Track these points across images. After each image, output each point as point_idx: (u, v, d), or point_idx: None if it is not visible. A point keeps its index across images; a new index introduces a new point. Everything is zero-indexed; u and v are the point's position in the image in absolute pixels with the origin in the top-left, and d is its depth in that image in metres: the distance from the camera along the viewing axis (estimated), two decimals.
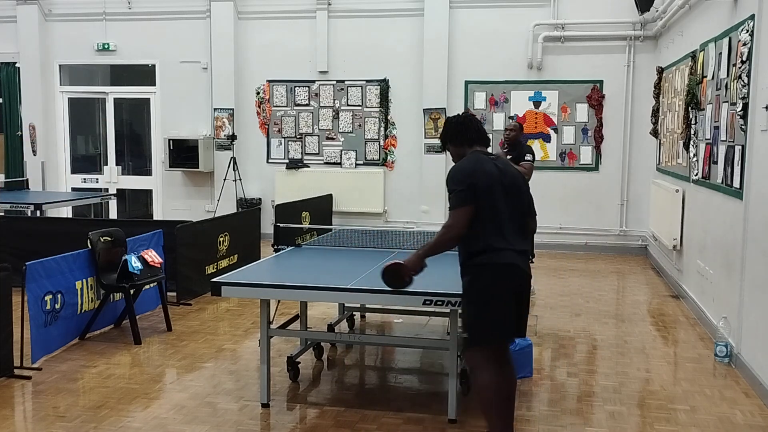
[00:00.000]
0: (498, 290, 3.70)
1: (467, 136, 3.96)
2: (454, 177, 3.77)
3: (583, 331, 6.43)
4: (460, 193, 3.70)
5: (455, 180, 3.75)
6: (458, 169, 3.79)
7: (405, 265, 3.84)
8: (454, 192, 3.72)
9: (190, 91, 11.58)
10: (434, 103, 10.65)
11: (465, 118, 4.08)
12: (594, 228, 10.50)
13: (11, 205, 9.60)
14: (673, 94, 8.47)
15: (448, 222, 3.76)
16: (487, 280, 3.70)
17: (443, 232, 3.77)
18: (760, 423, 4.42)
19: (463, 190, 3.69)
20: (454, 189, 3.73)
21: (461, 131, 3.97)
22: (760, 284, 4.97)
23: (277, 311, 5.03)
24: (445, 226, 3.78)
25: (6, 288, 5.01)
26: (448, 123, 4.08)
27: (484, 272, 3.71)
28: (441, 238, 3.78)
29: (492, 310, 3.70)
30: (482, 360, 3.76)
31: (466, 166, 3.80)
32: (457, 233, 3.72)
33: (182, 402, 4.68)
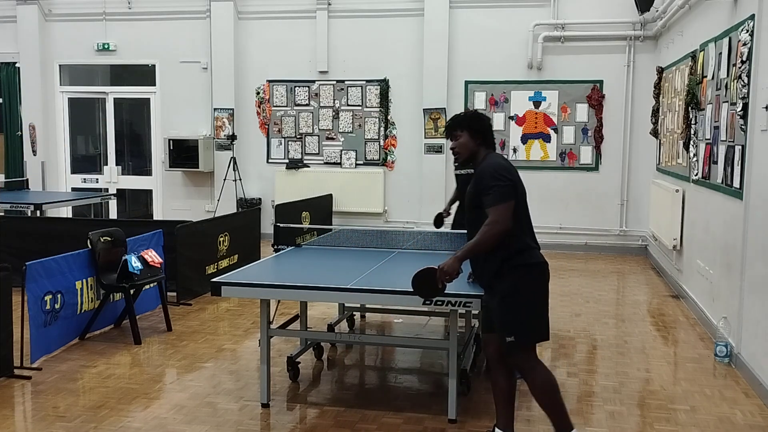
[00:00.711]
0: (543, 288, 3.77)
1: (489, 138, 3.88)
2: (494, 173, 3.64)
3: (583, 331, 6.43)
4: (503, 188, 3.60)
5: (496, 176, 3.63)
6: (497, 166, 3.69)
7: (441, 270, 3.59)
8: (496, 187, 3.60)
9: (190, 91, 11.58)
10: (434, 103, 10.65)
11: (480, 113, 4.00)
12: (594, 228, 10.50)
13: (11, 205, 9.60)
14: (673, 94, 8.47)
15: (491, 218, 3.58)
16: (535, 279, 3.72)
17: (487, 229, 3.58)
18: (760, 423, 4.42)
19: (506, 185, 3.61)
20: (496, 184, 3.60)
21: (488, 131, 3.87)
22: (760, 284, 4.97)
23: (277, 311, 5.04)
24: (488, 222, 3.58)
25: (6, 288, 5.01)
26: (478, 115, 3.92)
27: (531, 271, 3.69)
28: (484, 236, 3.59)
29: (541, 308, 3.76)
30: (534, 358, 3.77)
31: (502, 163, 3.74)
32: (503, 229, 3.58)
33: (182, 402, 4.68)
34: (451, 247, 5.77)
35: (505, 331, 3.71)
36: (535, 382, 3.77)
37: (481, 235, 3.59)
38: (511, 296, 3.68)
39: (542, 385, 3.76)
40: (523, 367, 3.78)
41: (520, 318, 3.68)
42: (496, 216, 3.57)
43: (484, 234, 3.58)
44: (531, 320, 3.71)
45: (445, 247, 5.86)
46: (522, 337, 3.70)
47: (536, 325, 3.75)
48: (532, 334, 3.74)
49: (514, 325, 3.68)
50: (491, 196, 3.60)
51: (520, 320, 3.68)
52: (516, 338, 3.69)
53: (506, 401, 3.95)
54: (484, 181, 3.65)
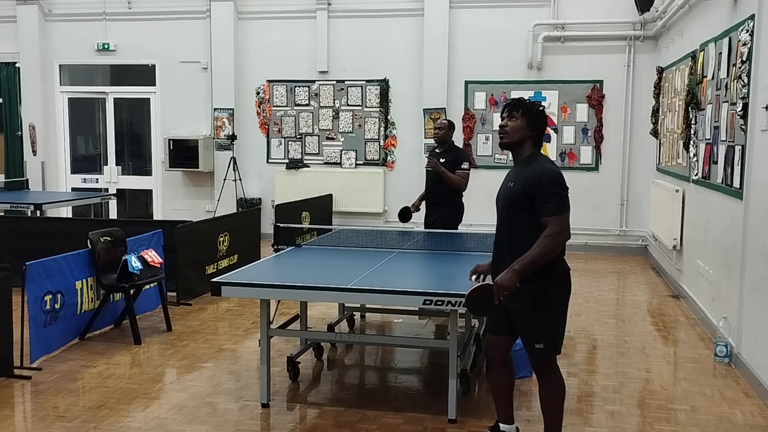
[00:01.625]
0: (569, 295, 3.73)
1: (541, 137, 3.78)
2: (555, 180, 3.55)
3: (583, 331, 6.43)
4: (565, 197, 3.55)
5: (557, 183, 3.55)
6: (556, 172, 3.59)
7: (500, 285, 3.46)
8: (559, 196, 3.52)
9: (190, 91, 11.58)
10: (434, 103, 10.65)
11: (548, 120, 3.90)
12: (594, 228, 10.50)
13: (11, 205, 9.60)
14: (673, 94, 8.47)
15: (554, 229, 3.49)
16: (565, 288, 3.67)
17: (550, 240, 3.48)
18: (760, 423, 4.42)
19: (566, 195, 3.56)
20: (559, 193, 3.53)
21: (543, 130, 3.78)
22: (760, 284, 4.97)
23: (277, 311, 5.03)
24: (550, 233, 3.48)
25: (6, 288, 5.01)
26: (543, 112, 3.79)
27: (564, 280, 3.66)
28: (548, 248, 3.49)
29: (566, 315, 3.74)
30: (556, 365, 3.75)
31: (558, 170, 3.63)
32: (564, 240, 3.52)
33: (182, 402, 4.68)
34: (452, 247, 5.79)
35: (534, 338, 3.64)
36: (553, 388, 3.75)
37: (543, 247, 3.48)
38: (544, 303, 3.59)
39: (557, 393, 3.75)
40: (546, 372, 3.73)
41: (551, 325, 3.63)
42: (559, 227, 3.50)
43: (548, 246, 3.49)
44: (560, 327, 3.69)
45: (445, 247, 5.86)
46: (551, 344, 3.65)
47: (563, 332, 3.73)
48: (560, 341, 3.72)
49: (544, 332, 3.62)
50: (554, 205, 3.51)
51: (551, 327, 3.64)
52: (545, 345, 3.63)
53: (507, 398, 3.96)
54: (544, 186, 3.52)
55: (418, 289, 4.24)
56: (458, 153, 6.74)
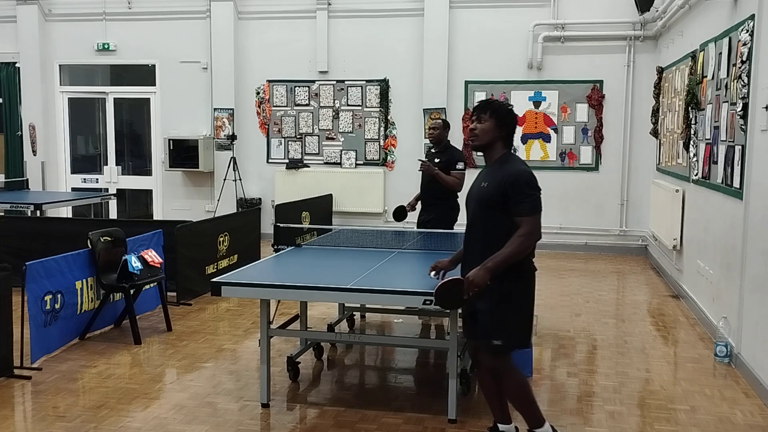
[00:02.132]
0: (532, 296, 3.79)
1: (511, 137, 3.79)
2: (529, 181, 3.58)
3: (583, 331, 6.43)
4: (538, 198, 3.57)
5: (531, 184, 3.57)
6: (528, 174, 3.60)
7: (470, 281, 3.52)
8: (532, 197, 3.55)
9: (190, 91, 11.58)
10: (434, 103, 10.65)
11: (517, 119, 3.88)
12: (594, 228, 10.50)
13: (11, 205, 9.60)
14: (673, 94, 8.47)
15: (526, 229, 3.53)
16: (530, 288, 3.74)
17: (520, 241, 3.52)
18: (760, 423, 4.42)
19: (538, 196, 3.58)
20: (533, 194, 3.56)
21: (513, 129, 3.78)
22: (760, 284, 4.97)
23: (277, 311, 5.03)
24: (523, 234, 3.52)
25: (6, 288, 5.01)
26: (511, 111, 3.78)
27: (526, 278, 3.70)
28: (520, 248, 3.53)
29: (529, 315, 3.80)
30: (511, 362, 3.78)
31: (530, 170, 3.64)
32: (536, 241, 3.56)
33: (182, 402, 4.68)
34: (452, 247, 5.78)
35: (494, 334, 3.67)
36: (513, 385, 3.80)
37: (516, 247, 3.52)
38: (505, 301, 3.64)
39: (519, 387, 3.80)
40: (502, 369, 3.78)
41: (510, 323, 3.67)
42: (530, 227, 3.54)
43: (520, 245, 3.52)
44: (521, 325, 3.74)
45: (445, 247, 5.86)
46: (510, 342, 3.71)
47: (523, 331, 3.77)
48: (518, 339, 3.75)
49: (504, 329, 3.67)
50: (527, 205, 3.54)
51: (510, 325, 3.67)
52: (504, 342, 3.68)
53: (498, 399, 3.98)
54: (519, 187, 3.55)
55: (418, 289, 4.24)
56: (453, 153, 6.67)
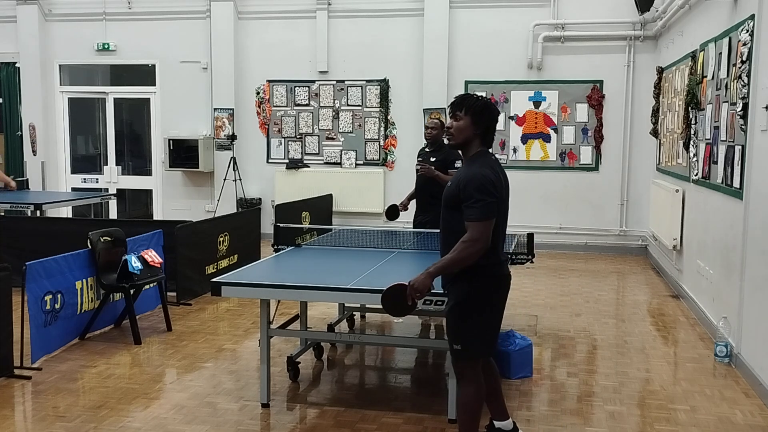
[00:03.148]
0: (498, 301, 3.64)
1: (489, 134, 3.61)
2: (479, 187, 3.40)
3: (583, 331, 6.43)
4: (489, 204, 3.39)
5: (483, 189, 3.40)
6: (484, 177, 3.44)
7: (412, 286, 3.42)
8: (482, 202, 3.38)
9: (190, 91, 11.58)
10: (434, 103, 10.64)
11: (492, 105, 3.64)
12: (594, 228, 10.50)
13: (11, 205, 9.59)
14: (673, 94, 8.47)
15: (472, 235, 3.38)
16: (490, 293, 3.57)
17: (465, 246, 3.38)
18: (760, 423, 4.42)
19: (491, 202, 3.40)
20: (482, 199, 3.38)
21: (491, 126, 3.61)
22: (760, 284, 4.97)
23: (277, 311, 5.03)
24: (467, 239, 3.38)
25: (6, 288, 5.02)
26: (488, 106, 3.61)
27: (488, 285, 3.55)
28: (462, 254, 3.39)
29: (493, 322, 3.63)
30: (475, 370, 3.63)
31: (490, 174, 3.47)
32: (481, 248, 3.39)
33: (182, 402, 4.68)
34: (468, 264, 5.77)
35: (453, 338, 3.59)
36: (466, 396, 3.62)
37: (458, 253, 3.40)
38: (462, 303, 3.54)
39: (470, 402, 3.61)
40: (464, 375, 3.63)
41: (468, 327, 3.55)
42: (476, 234, 3.38)
43: (462, 251, 3.39)
44: (479, 331, 3.57)
45: None
46: (468, 348, 3.57)
47: (483, 337, 3.60)
48: (478, 345, 3.59)
49: (461, 334, 3.57)
50: (475, 210, 3.39)
51: (467, 329, 3.55)
52: (462, 347, 3.57)
53: (495, 397, 3.96)
54: (469, 191, 3.41)
55: None
56: (449, 152, 6.59)
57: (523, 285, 8.08)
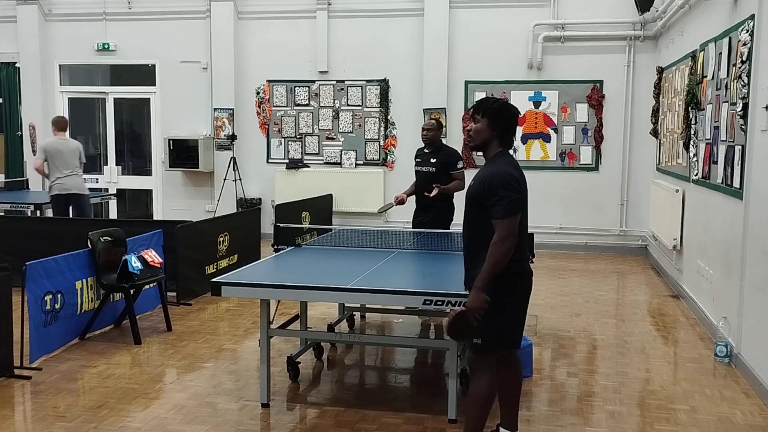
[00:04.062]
0: (520, 298, 3.71)
1: (508, 135, 3.72)
2: (505, 183, 3.50)
3: (583, 331, 6.43)
4: (514, 201, 3.49)
5: (507, 186, 3.50)
6: (509, 175, 3.55)
7: (470, 308, 3.50)
8: (507, 199, 3.47)
9: (190, 91, 11.58)
10: (434, 103, 10.65)
11: (511, 108, 3.74)
12: (594, 228, 10.50)
13: (11, 205, 9.60)
14: (673, 94, 8.47)
15: (500, 234, 3.46)
16: (514, 290, 3.64)
17: (497, 248, 3.46)
18: (760, 423, 4.42)
19: (517, 198, 3.51)
20: (508, 196, 3.47)
21: (508, 127, 3.70)
22: (760, 284, 4.97)
23: (277, 311, 5.03)
24: (497, 239, 3.46)
25: (6, 288, 5.01)
26: (506, 108, 3.70)
27: (517, 281, 3.63)
28: (497, 255, 3.46)
29: (517, 318, 3.72)
30: (490, 364, 3.71)
31: (513, 172, 3.58)
32: (512, 244, 3.47)
33: (182, 402, 4.68)
34: (452, 247, 5.79)
35: (474, 332, 3.65)
36: (478, 388, 3.69)
37: (493, 256, 3.47)
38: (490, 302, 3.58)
39: (481, 395, 3.67)
40: (478, 368, 3.71)
41: (493, 323, 3.60)
42: (504, 231, 3.47)
43: (497, 253, 3.47)
44: (501, 326, 3.64)
45: (444, 247, 5.86)
46: (488, 342, 3.65)
47: (506, 332, 3.68)
48: (499, 340, 3.68)
49: (484, 329, 3.61)
50: (501, 208, 3.48)
51: (492, 326, 3.60)
52: (483, 341, 3.64)
53: (512, 401, 3.96)
54: (494, 189, 3.50)
55: (418, 289, 4.25)
56: (449, 153, 6.65)
57: None
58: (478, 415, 3.68)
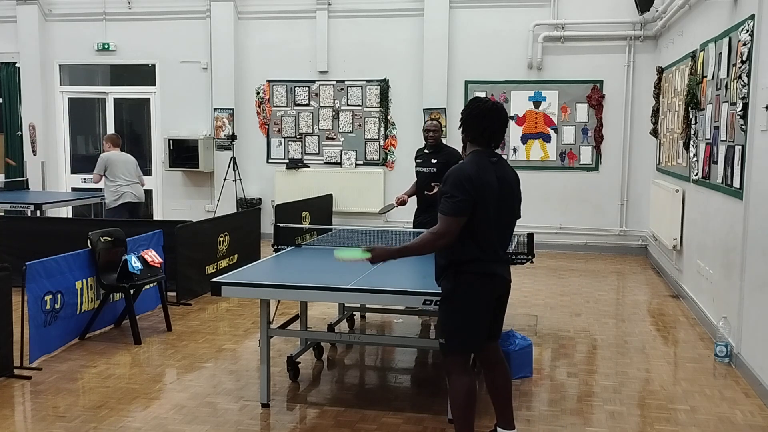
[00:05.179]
0: (482, 300, 3.64)
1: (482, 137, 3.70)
2: (455, 182, 3.51)
3: (583, 331, 6.43)
4: (459, 202, 3.48)
5: (457, 186, 3.50)
6: (461, 175, 3.53)
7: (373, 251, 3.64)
8: (453, 199, 3.48)
9: (190, 91, 11.58)
10: (434, 103, 10.65)
11: (488, 110, 3.71)
12: (594, 228, 10.50)
13: (11, 205, 9.60)
14: (673, 94, 8.47)
15: (439, 229, 3.51)
16: (472, 290, 3.60)
17: (431, 238, 3.53)
18: (760, 423, 4.42)
19: (463, 200, 3.48)
20: (454, 196, 3.48)
21: (481, 130, 3.70)
22: (760, 284, 4.97)
23: (277, 311, 5.03)
24: (434, 232, 3.52)
25: (6, 288, 5.02)
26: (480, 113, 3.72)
27: (471, 282, 3.60)
28: (425, 243, 3.56)
29: (475, 318, 3.64)
30: (461, 365, 3.69)
31: (470, 172, 3.54)
32: (447, 243, 3.52)
33: (182, 402, 4.68)
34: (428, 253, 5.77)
35: (438, 333, 3.69)
36: (453, 390, 3.69)
37: (422, 240, 3.57)
38: (448, 300, 3.65)
39: (460, 396, 3.66)
40: (452, 372, 3.71)
41: (452, 323, 3.63)
42: (442, 227, 3.50)
43: (426, 241, 3.56)
44: (462, 328, 3.63)
45: None
46: (451, 342, 3.66)
47: (467, 334, 3.64)
48: (461, 341, 3.66)
49: (446, 329, 3.66)
50: (446, 205, 3.50)
51: (451, 325, 3.63)
52: (446, 341, 3.67)
53: (504, 400, 3.96)
54: (446, 186, 3.55)
55: (418, 289, 4.24)
56: (449, 153, 6.60)
57: (523, 285, 8.08)
58: (462, 417, 3.67)
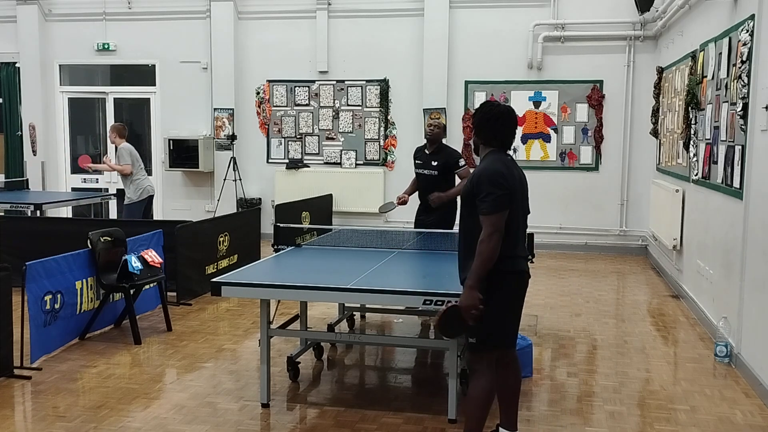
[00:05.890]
0: (516, 297, 3.73)
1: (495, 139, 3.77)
2: (490, 179, 3.56)
3: (583, 331, 6.43)
4: (500, 197, 3.53)
5: (493, 182, 3.55)
6: (494, 172, 3.60)
7: (464, 307, 3.54)
8: (492, 195, 3.52)
9: (190, 91, 11.58)
10: (434, 103, 10.65)
11: (501, 114, 3.78)
12: (594, 228, 10.50)
13: (11, 205, 9.59)
14: (673, 94, 8.47)
15: (486, 231, 3.51)
16: (508, 288, 3.67)
17: (484, 246, 3.50)
18: (760, 423, 4.42)
19: (503, 195, 3.53)
20: (493, 192, 3.52)
21: (493, 132, 3.77)
22: (760, 284, 4.97)
23: (277, 311, 5.03)
24: (484, 237, 3.51)
25: (6, 288, 5.01)
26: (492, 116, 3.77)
27: (506, 280, 3.65)
28: (485, 253, 3.51)
29: (510, 316, 3.73)
30: (489, 363, 3.72)
31: (500, 168, 3.63)
32: (499, 239, 3.51)
33: (182, 402, 4.68)
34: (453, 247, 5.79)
35: (468, 331, 3.70)
36: (477, 388, 3.72)
37: (480, 254, 3.52)
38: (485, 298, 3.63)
39: (480, 394, 3.70)
40: (477, 368, 3.75)
41: (484, 322, 3.62)
42: (490, 228, 3.52)
43: (485, 250, 3.51)
44: (494, 326, 3.66)
45: (445, 247, 5.86)
46: (482, 341, 3.68)
47: (499, 331, 3.69)
48: (492, 339, 3.69)
49: (477, 328, 3.65)
50: (486, 204, 3.53)
51: (483, 324, 3.63)
52: (477, 340, 3.69)
53: (511, 401, 3.96)
54: (481, 186, 3.57)
55: (418, 289, 4.25)
56: (449, 153, 6.57)
57: None
58: (478, 415, 3.70)
